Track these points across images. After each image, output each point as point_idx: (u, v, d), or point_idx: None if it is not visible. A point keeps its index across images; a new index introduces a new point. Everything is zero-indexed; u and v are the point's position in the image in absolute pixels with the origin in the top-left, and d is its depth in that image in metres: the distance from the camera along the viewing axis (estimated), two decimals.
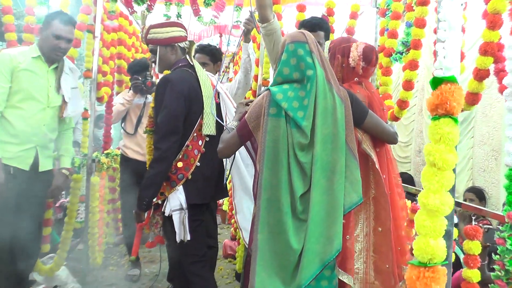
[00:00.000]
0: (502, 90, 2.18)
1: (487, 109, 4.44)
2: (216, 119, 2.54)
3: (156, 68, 2.64)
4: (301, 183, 1.83)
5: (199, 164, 2.48)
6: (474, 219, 2.68)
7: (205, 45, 3.49)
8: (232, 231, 4.59)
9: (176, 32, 2.60)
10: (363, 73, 2.14)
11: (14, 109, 2.63)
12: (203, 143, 2.52)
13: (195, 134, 2.49)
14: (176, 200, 2.42)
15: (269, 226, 1.83)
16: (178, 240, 2.43)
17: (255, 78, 3.57)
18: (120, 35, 4.35)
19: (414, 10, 3.11)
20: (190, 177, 2.45)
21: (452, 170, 1.26)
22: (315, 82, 1.84)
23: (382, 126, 2.01)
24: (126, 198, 3.72)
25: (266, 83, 3.28)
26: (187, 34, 2.69)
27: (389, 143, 2.09)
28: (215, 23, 4.73)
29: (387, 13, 3.47)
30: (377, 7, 3.76)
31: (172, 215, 2.42)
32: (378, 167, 1.94)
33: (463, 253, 2.18)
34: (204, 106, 2.52)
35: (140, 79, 3.79)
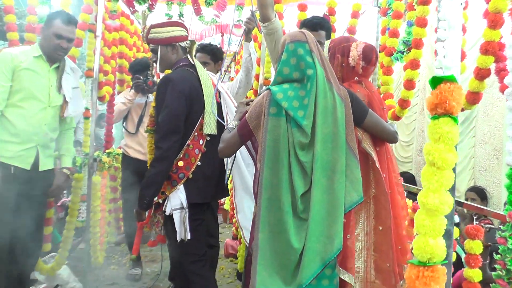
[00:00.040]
0: (503, 90, 2.18)
1: (488, 108, 4.44)
2: (217, 119, 2.54)
3: (157, 67, 2.65)
4: (301, 182, 1.83)
5: (200, 163, 2.48)
6: (475, 218, 2.69)
7: (206, 45, 3.50)
8: (233, 230, 4.60)
9: (177, 31, 2.60)
10: (363, 73, 2.14)
11: (15, 108, 2.64)
12: (204, 142, 2.52)
13: (196, 134, 2.49)
14: (176, 199, 2.42)
15: (270, 225, 1.84)
16: (178, 239, 2.43)
17: (256, 77, 3.57)
18: (122, 34, 4.36)
19: (415, 9, 3.10)
20: (191, 176, 2.45)
21: (451, 169, 1.26)
22: (315, 82, 1.84)
23: (382, 125, 2.01)
24: (128, 197, 3.73)
25: (268, 83, 3.27)
26: (188, 33, 2.69)
27: (389, 142, 2.09)
28: (216, 22, 4.73)
29: (388, 12, 3.47)
30: (379, 6, 3.76)
31: (173, 214, 2.42)
32: (379, 166, 1.94)
33: (464, 252, 2.18)
34: (205, 105, 2.52)
35: (142, 78, 3.79)
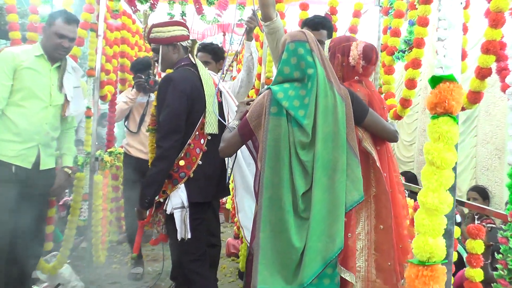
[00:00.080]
0: (504, 89, 2.17)
1: (490, 107, 4.43)
2: (218, 118, 2.55)
3: (158, 67, 2.65)
4: (302, 182, 1.83)
5: (201, 162, 2.48)
6: (477, 218, 2.69)
7: (207, 44, 3.50)
8: (235, 229, 4.60)
9: (178, 31, 2.59)
10: (363, 72, 2.14)
11: (16, 107, 2.63)
12: (205, 141, 2.52)
13: (197, 133, 2.49)
14: (177, 198, 2.43)
15: (271, 224, 1.84)
16: (179, 238, 2.43)
17: (257, 76, 3.57)
18: (123, 33, 4.37)
19: (417, 8, 3.10)
20: (192, 175, 2.45)
21: (451, 169, 1.26)
22: (315, 81, 1.84)
23: (383, 124, 2.01)
24: (129, 196, 3.73)
25: (269, 82, 3.26)
26: (189, 33, 2.69)
27: (389, 141, 2.09)
28: (218, 21, 4.74)
29: (390, 11, 3.47)
30: (380, 6, 3.77)
31: (173, 213, 2.43)
32: (379, 165, 1.94)
33: (466, 252, 2.18)
34: (206, 105, 2.52)
35: (143, 77, 3.80)
